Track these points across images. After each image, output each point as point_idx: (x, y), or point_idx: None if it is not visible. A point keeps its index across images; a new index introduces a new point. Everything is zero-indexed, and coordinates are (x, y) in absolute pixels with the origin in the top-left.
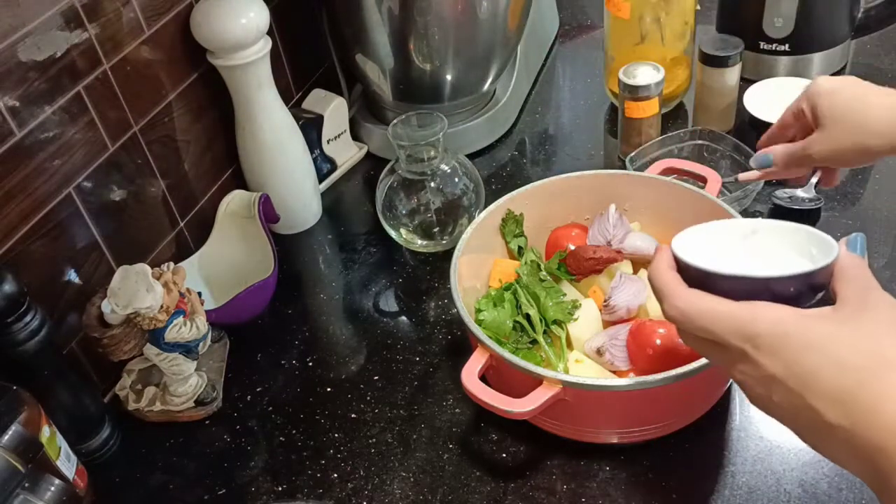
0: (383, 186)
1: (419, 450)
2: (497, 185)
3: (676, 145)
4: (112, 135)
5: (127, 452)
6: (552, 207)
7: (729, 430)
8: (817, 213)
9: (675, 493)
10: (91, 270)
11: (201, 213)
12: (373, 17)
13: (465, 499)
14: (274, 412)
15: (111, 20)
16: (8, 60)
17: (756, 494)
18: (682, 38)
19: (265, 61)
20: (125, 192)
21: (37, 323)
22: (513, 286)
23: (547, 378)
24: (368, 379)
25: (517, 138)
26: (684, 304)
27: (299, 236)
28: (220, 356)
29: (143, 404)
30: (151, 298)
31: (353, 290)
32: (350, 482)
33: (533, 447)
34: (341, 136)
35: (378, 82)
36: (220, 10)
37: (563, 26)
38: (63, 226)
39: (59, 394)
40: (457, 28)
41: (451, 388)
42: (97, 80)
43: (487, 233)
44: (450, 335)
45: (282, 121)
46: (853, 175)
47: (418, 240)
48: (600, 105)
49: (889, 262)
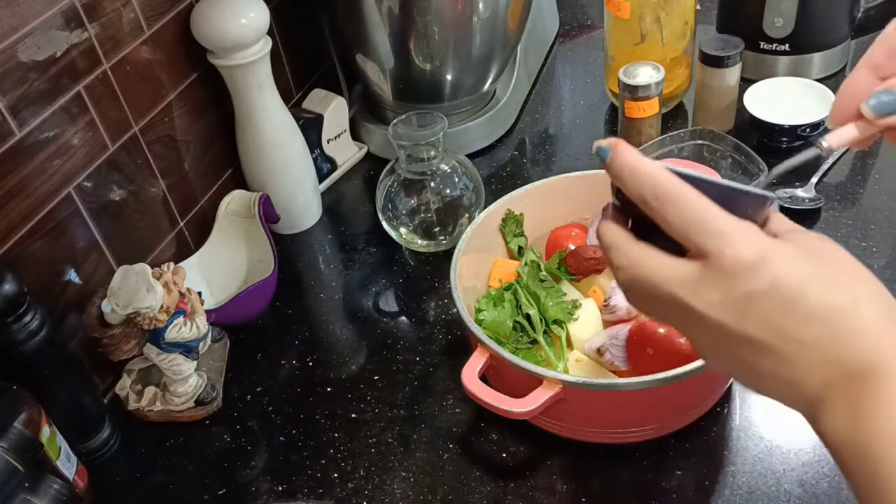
0: (383, 186)
1: (419, 450)
2: (497, 185)
3: (676, 145)
4: (112, 135)
5: (127, 452)
6: (552, 207)
7: (729, 430)
8: (817, 213)
9: (675, 493)
10: (91, 270)
11: (201, 213)
12: (373, 17)
13: (465, 499)
14: (274, 412)
15: (111, 20)
16: (8, 60)
17: (756, 494)
18: (682, 38)
19: (265, 61)
20: (125, 192)
21: (37, 323)
22: (513, 286)
23: (547, 378)
24: (368, 379)
25: (517, 138)
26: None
27: (299, 236)
28: (220, 356)
29: (143, 404)
30: (151, 298)
31: (353, 290)
32: (350, 482)
33: (533, 447)
34: (341, 136)
35: (378, 82)
36: (220, 10)
37: (563, 26)
38: (63, 226)
39: (59, 394)
40: (457, 28)
41: (451, 388)
42: (97, 80)
43: (487, 233)
44: (450, 335)
45: (282, 121)
46: (853, 175)
47: (418, 240)
48: (600, 105)
49: (889, 262)
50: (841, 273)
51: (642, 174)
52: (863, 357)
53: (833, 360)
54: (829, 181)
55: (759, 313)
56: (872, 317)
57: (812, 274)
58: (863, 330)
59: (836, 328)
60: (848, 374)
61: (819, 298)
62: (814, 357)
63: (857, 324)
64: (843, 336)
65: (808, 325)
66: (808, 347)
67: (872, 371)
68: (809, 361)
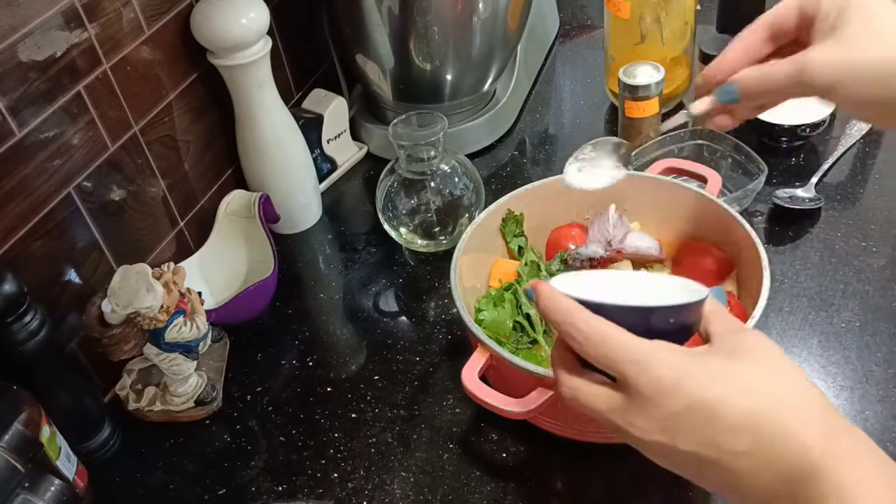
0: (383, 186)
1: (419, 450)
2: (497, 185)
3: (676, 145)
4: (112, 135)
5: (127, 452)
6: (552, 207)
7: None
8: (817, 213)
9: (675, 493)
10: (91, 270)
11: (201, 213)
12: (373, 17)
13: (465, 499)
14: (274, 412)
15: (111, 20)
16: (8, 60)
17: None
18: (682, 37)
19: (265, 61)
20: (125, 192)
21: (37, 323)
22: (513, 286)
23: (547, 378)
24: (368, 379)
25: (517, 138)
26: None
27: (299, 236)
28: (220, 356)
29: (143, 404)
30: (151, 298)
31: (353, 290)
32: (350, 482)
33: (533, 447)
34: (341, 135)
35: (378, 82)
36: (220, 10)
37: (563, 26)
38: (63, 226)
39: (59, 394)
40: (457, 28)
41: (451, 388)
42: (97, 80)
43: (487, 233)
44: (450, 335)
45: (282, 120)
46: (853, 175)
47: (418, 239)
48: (600, 105)
49: (889, 262)
50: (763, 379)
51: (558, 314)
52: (795, 461)
53: (769, 466)
54: (829, 181)
55: (687, 431)
56: (797, 418)
57: (729, 388)
58: (789, 433)
59: (762, 436)
60: (786, 479)
61: (740, 409)
62: (751, 465)
63: (781, 427)
64: (772, 442)
65: (737, 436)
66: (743, 457)
67: (808, 473)
68: (749, 470)
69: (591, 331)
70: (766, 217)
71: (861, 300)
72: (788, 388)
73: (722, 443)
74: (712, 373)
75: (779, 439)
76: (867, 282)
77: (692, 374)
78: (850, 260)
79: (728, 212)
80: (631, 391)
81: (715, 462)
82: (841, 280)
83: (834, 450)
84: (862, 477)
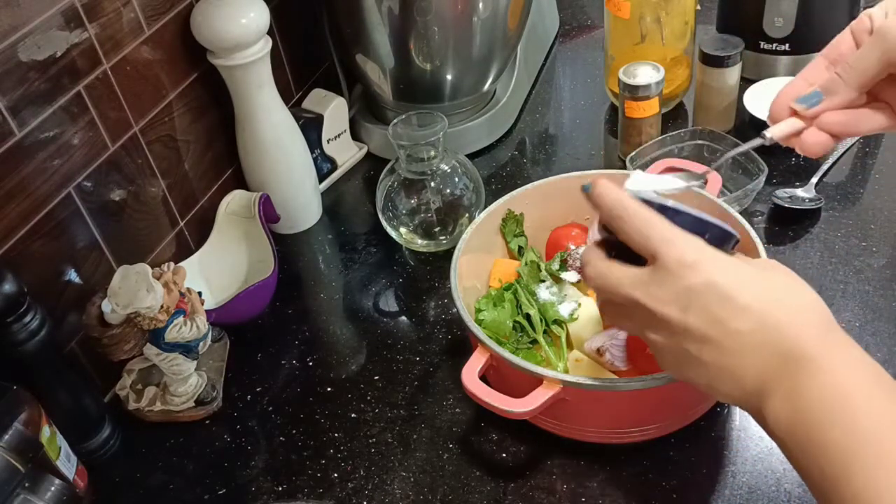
0: (383, 186)
1: (419, 450)
2: (497, 185)
3: (676, 145)
4: (112, 135)
5: (127, 452)
6: (552, 207)
7: (729, 430)
8: (817, 213)
9: (675, 493)
10: (91, 270)
11: (201, 213)
12: (373, 17)
13: (465, 499)
14: (274, 412)
15: (111, 20)
16: (8, 60)
17: (756, 494)
18: (682, 37)
19: (265, 61)
20: (125, 192)
21: (37, 323)
22: (513, 286)
23: (547, 378)
24: (368, 379)
25: (517, 138)
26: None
27: (299, 236)
28: (220, 356)
29: (144, 404)
30: (151, 298)
31: (353, 290)
32: (350, 482)
33: (533, 447)
34: (341, 135)
35: (378, 82)
36: (220, 10)
37: (563, 26)
38: (63, 226)
39: (59, 394)
40: (457, 28)
41: (451, 388)
42: (97, 80)
43: (487, 233)
44: (450, 335)
45: (282, 120)
46: (853, 175)
47: (418, 239)
48: (600, 105)
49: (889, 262)
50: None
51: (610, 198)
52: (792, 345)
53: (767, 344)
54: (829, 181)
55: (699, 306)
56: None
57: (746, 278)
58: (791, 322)
59: (766, 320)
60: (782, 358)
61: (752, 295)
62: (750, 343)
63: (786, 318)
64: (776, 325)
65: (744, 316)
66: (745, 335)
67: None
68: (748, 347)
69: (636, 212)
70: (766, 217)
71: (861, 300)
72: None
73: (729, 319)
74: (737, 266)
75: (783, 325)
76: (867, 282)
77: (717, 259)
78: (850, 260)
79: (728, 212)
80: (658, 265)
81: (716, 341)
82: (841, 280)
83: (829, 342)
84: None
